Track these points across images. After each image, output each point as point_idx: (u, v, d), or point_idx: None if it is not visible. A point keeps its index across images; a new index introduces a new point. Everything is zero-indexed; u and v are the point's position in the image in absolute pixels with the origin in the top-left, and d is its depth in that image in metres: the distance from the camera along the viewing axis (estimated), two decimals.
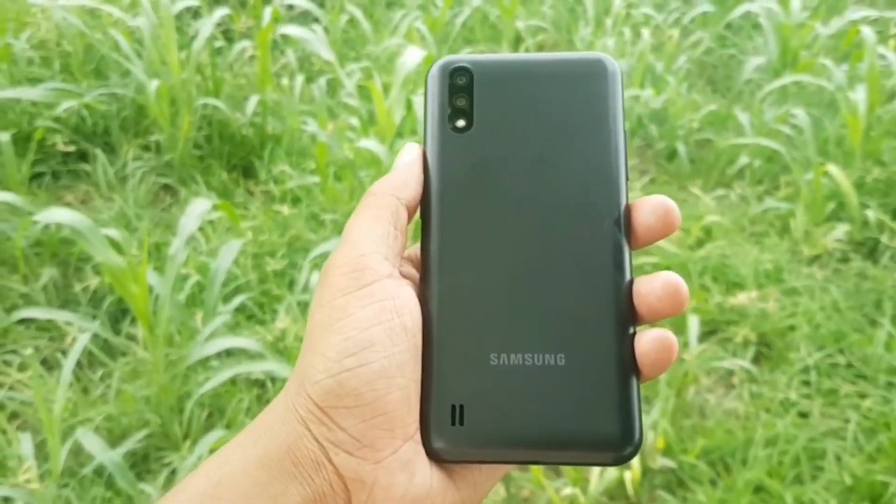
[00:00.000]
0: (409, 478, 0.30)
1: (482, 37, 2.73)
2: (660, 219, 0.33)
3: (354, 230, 0.33)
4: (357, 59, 2.42)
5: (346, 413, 0.30)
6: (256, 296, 1.62)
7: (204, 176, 1.99)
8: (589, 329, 0.32)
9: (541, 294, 0.33)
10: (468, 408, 0.31)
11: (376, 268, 0.32)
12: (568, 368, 0.32)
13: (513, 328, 0.32)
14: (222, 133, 2.10)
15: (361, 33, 2.53)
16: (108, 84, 2.09)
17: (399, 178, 0.34)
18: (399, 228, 0.34)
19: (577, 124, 0.35)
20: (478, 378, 0.32)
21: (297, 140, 2.09)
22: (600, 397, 0.31)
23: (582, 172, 0.34)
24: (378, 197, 0.34)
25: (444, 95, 0.35)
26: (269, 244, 1.76)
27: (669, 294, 0.32)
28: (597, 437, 0.31)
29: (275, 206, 1.91)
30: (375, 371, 0.30)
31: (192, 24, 2.36)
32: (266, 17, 2.09)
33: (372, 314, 0.31)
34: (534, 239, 0.33)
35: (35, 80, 2.09)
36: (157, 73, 1.99)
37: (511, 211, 0.34)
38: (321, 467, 0.30)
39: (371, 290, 0.31)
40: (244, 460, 0.30)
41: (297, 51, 2.32)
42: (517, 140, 0.35)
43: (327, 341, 0.31)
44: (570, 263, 0.33)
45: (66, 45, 2.18)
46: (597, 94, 0.35)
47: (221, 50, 2.29)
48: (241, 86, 2.23)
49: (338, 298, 0.31)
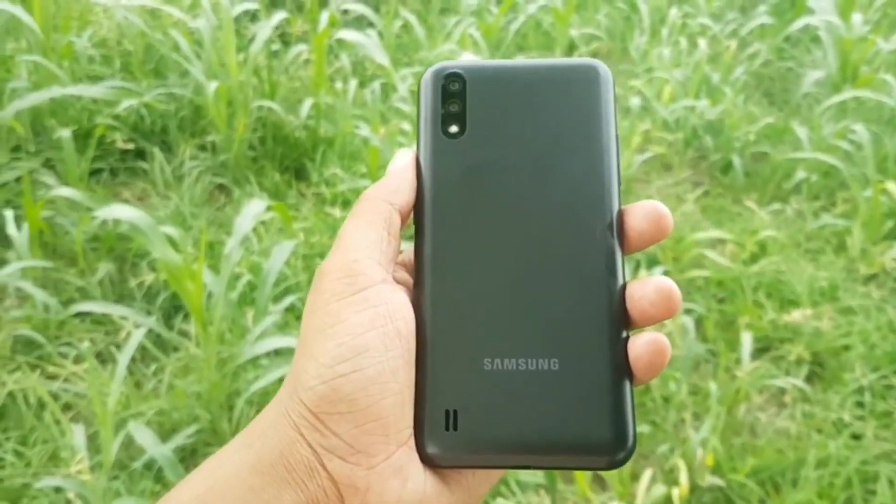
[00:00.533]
0: (403, 483, 0.30)
1: (535, 44, 2.72)
2: (652, 224, 0.33)
3: (347, 236, 0.33)
4: (409, 65, 2.43)
5: (339, 419, 0.30)
6: (305, 296, 1.64)
7: (257, 177, 2.02)
8: (582, 334, 0.32)
9: (534, 299, 0.33)
10: (462, 413, 0.31)
11: (370, 273, 0.32)
12: (561, 373, 0.32)
13: (506, 333, 0.32)
14: (276, 135, 2.12)
15: (415, 39, 2.54)
16: (166, 84, 2.14)
17: (392, 184, 0.34)
18: (392, 234, 0.34)
19: (569, 130, 0.35)
20: (471, 383, 0.32)
21: (348, 143, 2.10)
22: (594, 402, 0.31)
23: (575, 178, 0.34)
24: (371, 202, 0.34)
25: (437, 101, 0.36)
26: (319, 246, 1.77)
27: (662, 298, 0.32)
28: (590, 442, 0.31)
29: (325, 208, 1.92)
30: (370, 376, 0.30)
31: (250, 26, 2.40)
32: (323, 21, 2.11)
33: (366, 319, 0.31)
34: (527, 244, 0.33)
35: (96, 78, 2.14)
36: (216, 75, 2.03)
37: (505, 216, 0.34)
38: (314, 473, 0.30)
39: (365, 296, 0.31)
40: (237, 465, 0.30)
41: (351, 55, 2.34)
42: (510, 146, 0.35)
43: (321, 346, 0.31)
44: (563, 268, 0.33)
45: (127, 44, 2.23)
46: (589, 100, 0.35)
47: (278, 53, 2.32)
48: (295, 89, 2.25)
49: (332, 304, 0.31)
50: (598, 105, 0.35)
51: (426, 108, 0.36)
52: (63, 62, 2.05)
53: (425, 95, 0.36)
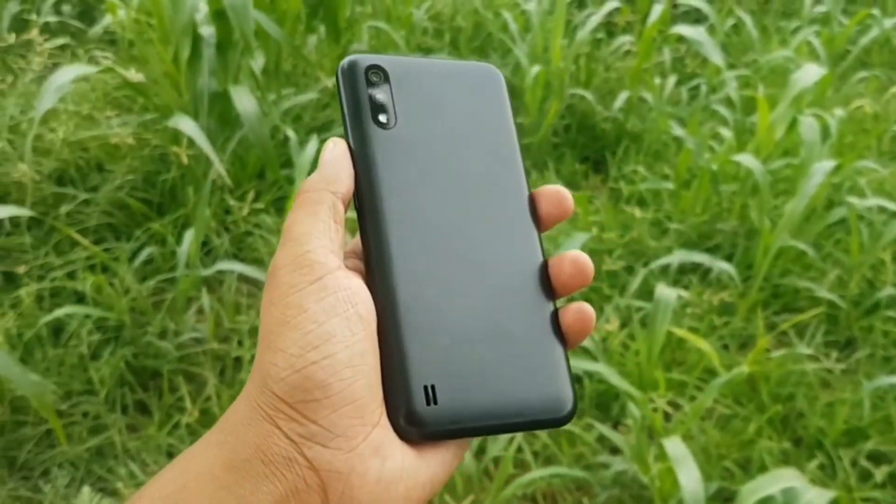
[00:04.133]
0: (382, 462, 0.31)
1: (879, 61, 2.44)
2: (556, 206, 0.37)
3: (295, 227, 0.33)
4: (734, 66, 2.30)
5: (316, 405, 0.30)
6: (586, 291, 1.62)
7: (556, 163, 2.03)
8: (522, 307, 0.35)
9: (478, 277, 0.35)
10: (439, 387, 0.32)
11: (325, 261, 0.32)
12: (513, 344, 0.34)
13: (463, 309, 0.34)
14: (582, 124, 2.11)
15: (745, 40, 2.39)
16: (488, 62, 2.21)
17: (330, 173, 0.35)
18: (338, 222, 0.34)
19: (480, 124, 0.38)
20: (441, 358, 0.33)
21: (655, 141, 2.04)
22: (541, 368, 0.34)
23: (492, 168, 0.37)
24: (313, 193, 0.34)
25: (364, 92, 0.36)
26: (609, 242, 1.74)
27: (578, 270, 0.35)
28: (545, 405, 0.34)
29: (621, 204, 1.88)
30: (341, 361, 0.30)
31: (576, 13, 2.40)
32: (654, 14, 2.05)
33: (328, 306, 0.31)
34: (462, 228, 0.35)
35: (426, 50, 2.27)
36: (537, 58, 2.05)
37: (440, 202, 0.35)
38: (293, 463, 0.30)
39: (323, 284, 0.32)
40: (210, 463, 0.30)
41: (674, 50, 2.26)
42: (436, 136, 0.37)
43: (286, 338, 0.31)
44: (497, 250, 0.36)
45: (460, 20, 2.33)
46: (492, 99, 0.39)
47: (600, 42, 2.30)
48: (608, 79, 2.22)
49: (291, 295, 0.31)
50: (500, 103, 0.39)
51: (353, 99, 0.36)
52: (401, 31, 2.19)
53: (351, 85, 0.37)
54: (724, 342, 1.54)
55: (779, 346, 1.54)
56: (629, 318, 1.53)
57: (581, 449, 1.32)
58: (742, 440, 1.33)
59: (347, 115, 0.37)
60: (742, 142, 1.90)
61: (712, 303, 1.57)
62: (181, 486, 0.30)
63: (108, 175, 1.72)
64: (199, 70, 1.69)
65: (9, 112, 1.81)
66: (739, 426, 1.36)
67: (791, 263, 1.69)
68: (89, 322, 1.43)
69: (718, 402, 1.40)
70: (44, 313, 1.44)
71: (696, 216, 1.80)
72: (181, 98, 1.71)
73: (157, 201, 1.70)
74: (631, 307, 1.54)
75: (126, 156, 1.73)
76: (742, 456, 1.32)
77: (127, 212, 1.67)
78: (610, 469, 1.26)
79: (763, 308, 1.60)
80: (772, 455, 1.31)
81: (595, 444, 1.32)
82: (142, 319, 1.47)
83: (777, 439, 1.35)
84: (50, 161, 1.73)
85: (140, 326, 1.45)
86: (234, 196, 1.67)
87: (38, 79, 1.97)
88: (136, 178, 1.70)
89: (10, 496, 1.27)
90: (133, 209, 1.66)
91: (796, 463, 1.31)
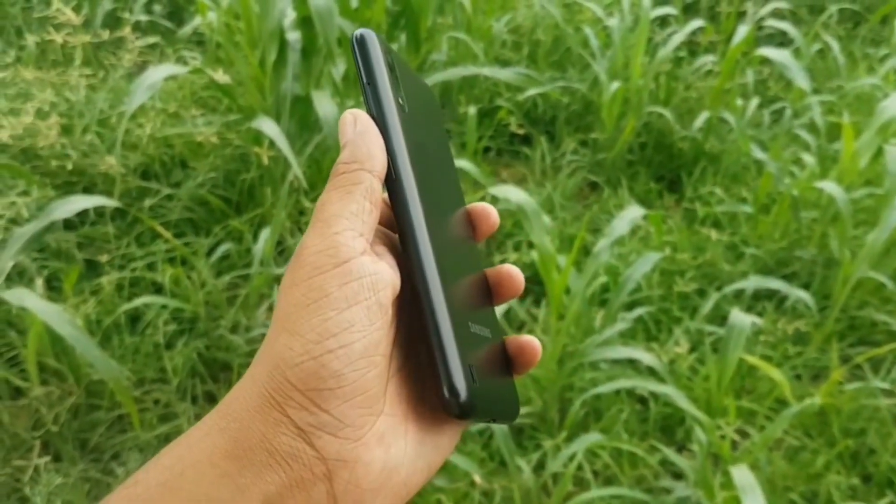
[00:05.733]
0: (386, 450, 0.31)
1: None
2: (483, 220, 0.38)
3: (327, 208, 0.32)
4: (818, 92, 2.24)
5: (329, 395, 0.29)
6: (655, 312, 1.60)
7: (630, 181, 2.01)
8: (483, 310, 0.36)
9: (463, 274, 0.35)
10: (474, 368, 0.33)
11: (351, 245, 0.31)
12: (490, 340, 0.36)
13: (465, 300, 0.35)
14: (658, 142, 2.09)
15: (829, 65, 2.33)
16: (565, 77, 2.20)
17: (363, 150, 0.33)
18: (374, 202, 0.33)
19: (441, 132, 0.40)
20: (469, 342, 0.33)
21: (734, 163, 2.00)
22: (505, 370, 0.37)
23: (451, 178, 0.39)
24: (348, 174, 0.33)
25: (386, 67, 0.35)
26: (681, 263, 1.72)
27: (509, 282, 0.37)
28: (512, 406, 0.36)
29: (695, 225, 1.85)
30: (357, 351, 0.30)
31: (658, 31, 2.38)
32: (739, 34, 2.02)
33: (350, 292, 0.30)
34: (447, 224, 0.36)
35: (504, 63, 2.28)
36: (616, 74, 2.04)
37: (436, 196, 0.35)
38: (300, 454, 0.29)
39: (348, 268, 0.31)
40: (210, 450, 0.29)
41: (757, 73, 2.22)
42: (426, 131, 0.37)
43: (305, 322, 0.30)
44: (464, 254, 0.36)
45: (539, 33, 2.33)
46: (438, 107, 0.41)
47: (681, 61, 2.28)
48: (688, 99, 2.20)
49: (314, 277, 0.30)
50: (442, 115, 0.39)
51: (380, 73, 0.34)
52: (480, 42, 2.20)
53: (376, 58, 0.34)
54: (796, 372, 1.50)
55: (852, 379, 1.49)
56: (699, 342, 1.50)
57: (643, 471, 1.30)
58: (810, 473, 1.30)
59: (375, 89, 0.34)
60: (825, 168, 1.85)
61: (786, 331, 1.53)
62: (178, 474, 0.29)
63: (191, 172, 1.77)
64: (284, 74, 1.73)
65: (98, 106, 1.88)
66: (808, 459, 1.32)
67: (869, 295, 1.64)
68: (166, 312, 1.48)
69: (788, 434, 1.36)
70: (123, 301, 1.49)
71: (773, 242, 1.76)
72: (265, 101, 1.75)
73: (235, 199, 1.74)
74: (702, 331, 1.52)
75: (209, 154, 1.79)
76: (809, 489, 1.28)
77: (207, 208, 1.72)
78: (672, 494, 1.24)
79: (838, 340, 1.56)
80: (840, 490, 1.27)
81: (657, 468, 1.30)
82: (215, 313, 1.51)
83: (846, 474, 1.31)
84: (136, 155, 1.79)
85: (213, 319, 1.49)
86: (308, 198, 1.70)
87: (127, 75, 2.05)
88: (217, 176, 1.75)
89: (81, 477, 1.31)
90: (213, 206, 1.70)
91: (865, 500, 1.27)
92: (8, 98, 1.89)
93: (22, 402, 1.38)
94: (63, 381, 1.41)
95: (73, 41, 1.96)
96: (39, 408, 1.36)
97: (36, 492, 1.24)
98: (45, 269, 1.57)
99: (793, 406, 1.27)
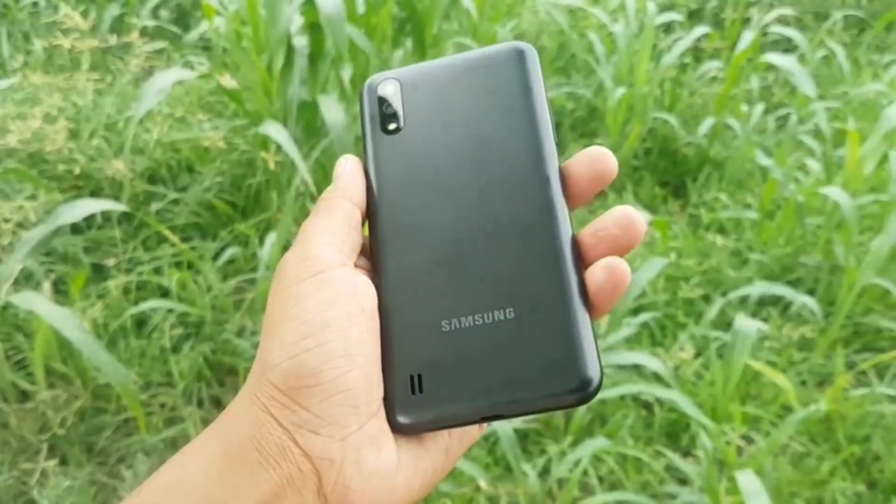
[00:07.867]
0: (377, 452, 0.31)
1: None
2: (593, 170, 0.34)
3: (308, 228, 0.34)
4: (823, 98, 2.24)
5: (307, 392, 0.30)
6: (660, 317, 1.60)
7: (635, 186, 2.01)
8: (533, 280, 0.32)
9: (484, 259, 0.33)
10: (426, 376, 0.32)
11: (329, 257, 0.32)
12: (518, 320, 0.32)
13: (459, 294, 0.33)
14: (663, 148, 2.09)
15: (835, 72, 2.33)
16: (570, 83, 2.21)
17: (346, 183, 0.36)
18: (352, 226, 0.34)
19: (498, 106, 0.37)
20: (432, 346, 0.32)
21: (739, 169, 2.00)
22: (555, 341, 0.31)
23: (512, 146, 0.36)
24: (330, 201, 0.35)
25: (375, 106, 0.38)
26: (686, 269, 1.72)
27: (624, 227, 0.32)
28: (557, 380, 0.31)
29: (700, 231, 1.86)
30: (335, 349, 0.30)
31: (664, 37, 2.38)
32: (744, 41, 2.02)
33: (328, 297, 0.31)
34: (473, 212, 0.34)
35: None
36: (621, 80, 2.05)
37: (449, 193, 0.35)
38: (287, 452, 0.30)
39: (325, 277, 0.32)
40: (209, 454, 0.30)
41: (762, 79, 2.22)
42: (446, 131, 0.37)
43: (284, 327, 0.31)
44: (508, 227, 0.34)
45: (544, 39, 2.34)
46: (515, 77, 0.37)
47: (686, 67, 2.28)
48: (693, 105, 2.20)
49: (293, 286, 0.32)
50: (523, 79, 0.37)
51: (367, 115, 0.38)
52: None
53: (365, 104, 0.39)
54: (801, 378, 1.50)
55: (857, 385, 1.49)
56: (704, 348, 1.50)
57: (648, 477, 1.30)
58: (815, 479, 1.30)
59: (363, 129, 0.38)
60: (830, 174, 1.86)
61: (792, 337, 1.53)
62: (180, 478, 0.30)
63: (198, 176, 1.78)
64: (291, 79, 1.74)
65: (105, 110, 1.89)
66: (813, 465, 1.32)
67: (874, 302, 1.64)
68: (172, 316, 1.48)
69: (793, 439, 1.36)
70: (129, 305, 1.50)
71: (778, 248, 1.76)
72: (272, 105, 1.76)
73: (242, 204, 1.75)
74: (708, 337, 1.52)
75: (216, 158, 1.79)
76: (814, 495, 1.28)
77: (213, 212, 1.72)
78: (678, 500, 1.24)
79: (843, 346, 1.56)
80: (845, 496, 1.27)
81: (662, 473, 1.30)
82: (222, 317, 1.51)
83: (851, 481, 1.31)
84: (143, 160, 1.80)
85: (220, 323, 1.50)
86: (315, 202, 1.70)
87: (134, 80, 2.06)
88: (223, 181, 1.75)
89: (88, 480, 1.32)
90: (219, 210, 1.71)
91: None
92: (16, 102, 1.90)
93: (29, 406, 1.38)
94: (70, 384, 1.41)
95: (80, 46, 1.96)
96: (46, 411, 1.37)
97: (43, 495, 1.24)
98: (53, 272, 1.57)
99: (798, 412, 1.27)
